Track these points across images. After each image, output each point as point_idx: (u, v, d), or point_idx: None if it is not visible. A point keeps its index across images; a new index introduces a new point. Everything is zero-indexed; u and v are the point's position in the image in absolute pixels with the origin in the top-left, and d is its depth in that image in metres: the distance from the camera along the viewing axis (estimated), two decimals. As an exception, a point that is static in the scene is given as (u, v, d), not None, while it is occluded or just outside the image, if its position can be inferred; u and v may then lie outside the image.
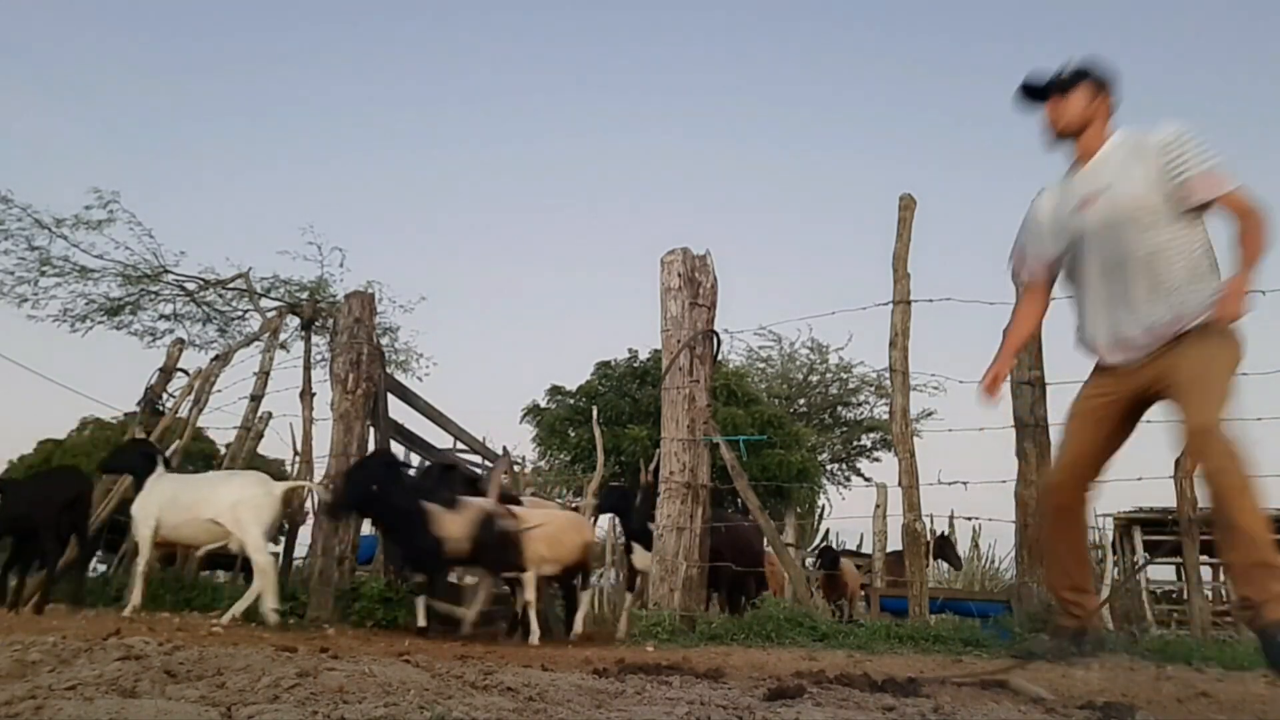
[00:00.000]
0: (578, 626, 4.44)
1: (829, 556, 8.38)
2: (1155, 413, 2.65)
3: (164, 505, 4.31)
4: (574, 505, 11.94)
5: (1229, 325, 2.35)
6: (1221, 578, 12.39)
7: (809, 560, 9.34)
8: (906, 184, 7.59)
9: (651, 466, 4.95)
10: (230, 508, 4.19)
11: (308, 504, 7.20)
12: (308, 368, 7.25)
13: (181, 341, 7.71)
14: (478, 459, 8.39)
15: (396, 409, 5.47)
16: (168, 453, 6.79)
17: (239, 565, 7.20)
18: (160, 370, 7.30)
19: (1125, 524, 13.18)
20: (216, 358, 7.25)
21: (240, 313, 8.18)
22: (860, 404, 14.70)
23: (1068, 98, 2.57)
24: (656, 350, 8.60)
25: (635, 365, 10.37)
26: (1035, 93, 2.63)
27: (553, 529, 4.25)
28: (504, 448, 7.18)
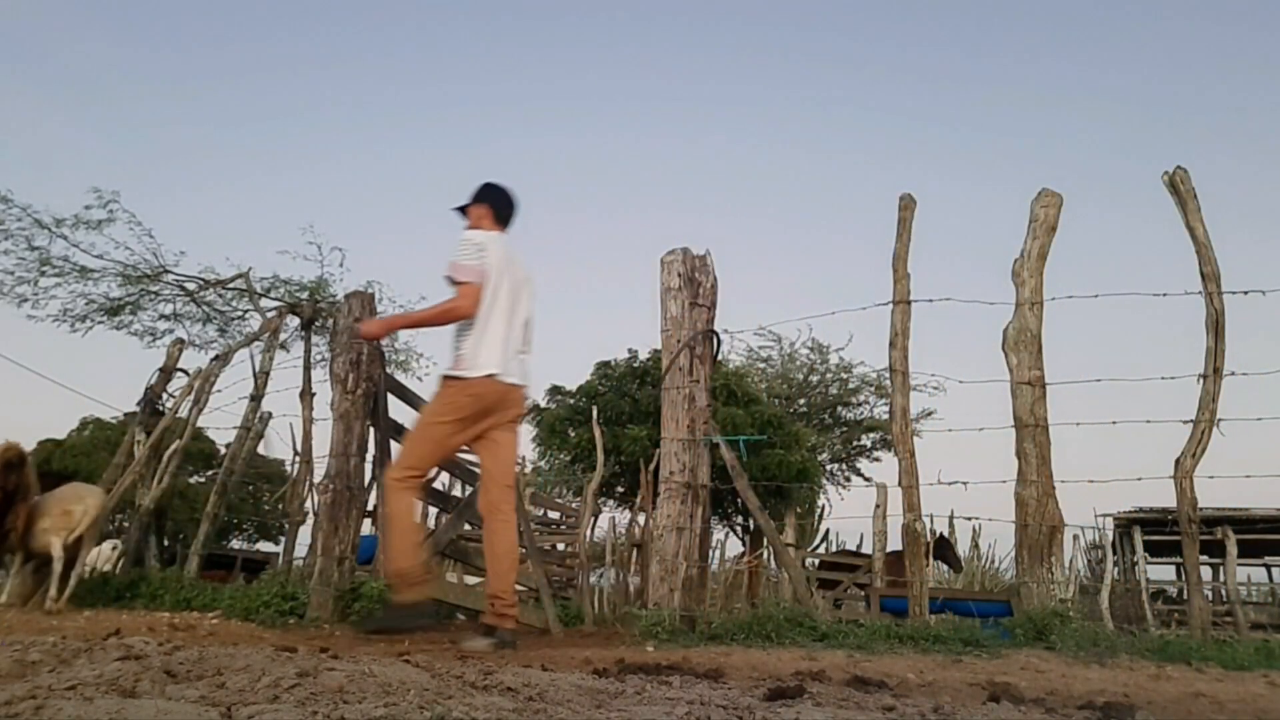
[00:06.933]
0: None
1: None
2: (1160, 413, 2.65)
3: None
4: (573, 505, 11.94)
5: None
6: (1222, 577, 12.39)
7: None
8: (906, 184, 7.58)
9: (651, 466, 4.95)
10: None
11: (308, 504, 7.20)
12: (308, 368, 7.26)
13: (181, 341, 7.70)
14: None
15: (396, 409, 5.46)
16: (168, 453, 6.81)
17: (238, 565, 7.21)
18: (160, 370, 7.30)
19: (1125, 524, 13.19)
20: (216, 358, 7.24)
21: (240, 313, 8.17)
22: (860, 404, 14.69)
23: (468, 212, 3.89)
24: (656, 350, 8.60)
25: (635, 365, 10.34)
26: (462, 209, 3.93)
27: None
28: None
